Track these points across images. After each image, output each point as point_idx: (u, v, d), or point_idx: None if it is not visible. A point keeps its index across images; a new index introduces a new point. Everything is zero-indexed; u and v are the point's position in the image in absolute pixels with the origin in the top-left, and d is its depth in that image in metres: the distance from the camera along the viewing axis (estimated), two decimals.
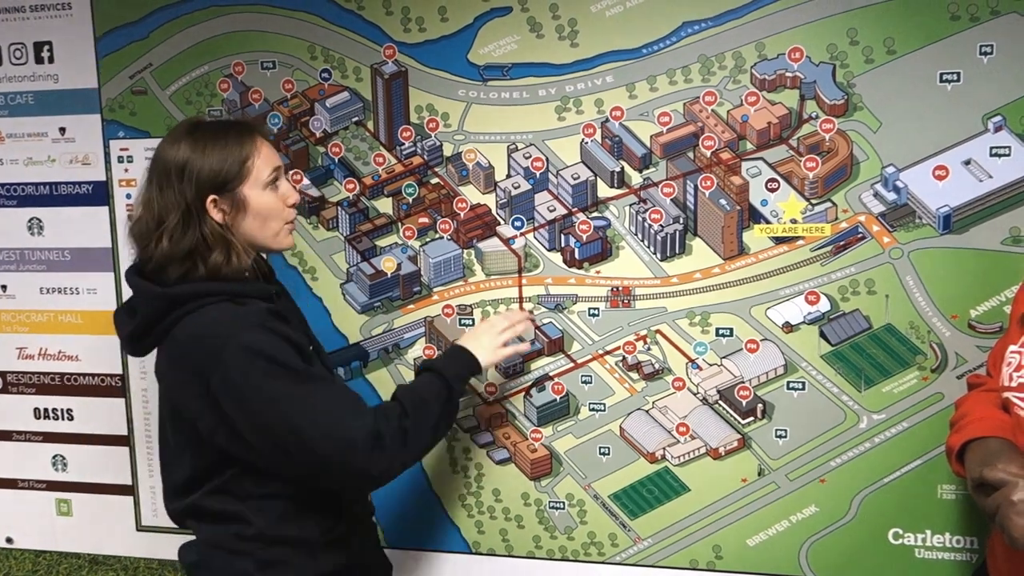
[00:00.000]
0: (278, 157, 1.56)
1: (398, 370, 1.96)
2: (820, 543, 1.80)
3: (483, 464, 1.94)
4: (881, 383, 1.74)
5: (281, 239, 1.56)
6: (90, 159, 2.07)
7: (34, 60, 2.05)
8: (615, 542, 1.90)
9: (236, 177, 1.48)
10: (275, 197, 1.53)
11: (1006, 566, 1.38)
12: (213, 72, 1.97)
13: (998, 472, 1.20)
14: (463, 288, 1.91)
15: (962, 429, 1.38)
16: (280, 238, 1.56)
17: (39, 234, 2.12)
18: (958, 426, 1.41)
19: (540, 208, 1.85)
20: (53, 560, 2.23)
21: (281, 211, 1.54)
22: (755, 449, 1.81)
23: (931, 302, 1.70)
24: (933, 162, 1.66)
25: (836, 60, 1.68)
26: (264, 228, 1.53)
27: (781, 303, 1.77)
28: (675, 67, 1.75)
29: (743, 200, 1.75)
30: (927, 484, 1.74)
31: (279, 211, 1.54)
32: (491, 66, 1.83)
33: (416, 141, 1.89)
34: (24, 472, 2.20)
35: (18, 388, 2.18)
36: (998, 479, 1.20)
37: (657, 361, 1.84)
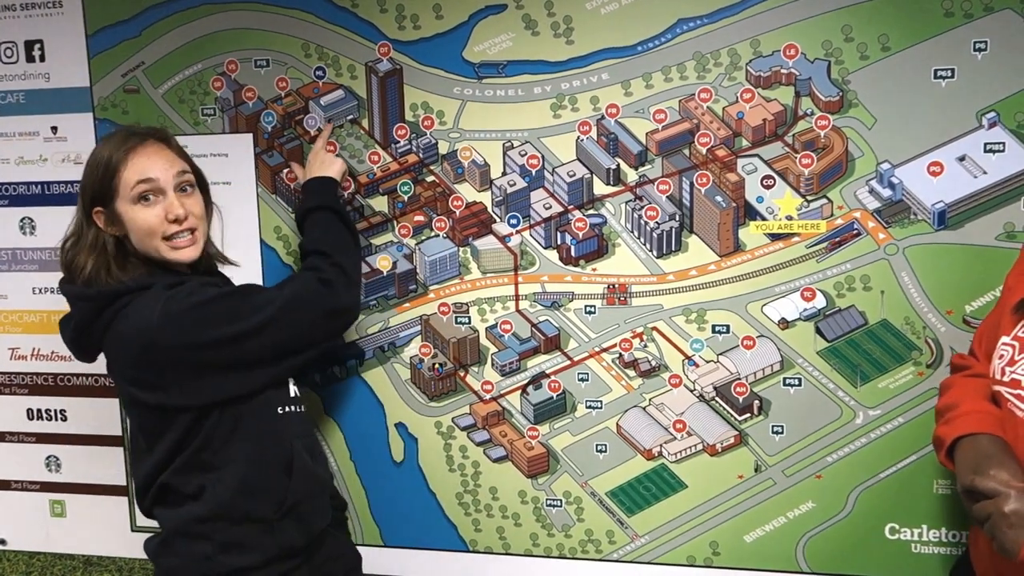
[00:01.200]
0: (159, 167, 1.53)
1: (394, 369, 1.96)
2: (817, 539, 1.80)
3: (480, 462, 1.94)
4: (877, 379, 1.74)
5: (167, 254, 1.54)
6: (82, 158, 2.04)
7: (25, 58, 2.04)
8: (612, 539, 1.90)
9: (107, 192, 1.53)
10: (148, 213, 1.52)
11: (989, 559, 1.39)
12: (206, 70, 1.96)
13: (989, 481, 1.21)
14: (459, 286, 1.91)
15: (951, 421, 1.38)
16: (166, 253, 1.54)
17: (31, 234, 2.11)
18: (947, 417, 1.41)
19: (536, 206, 1.85)
20: (47, 561, 2.22)
21: (154, 228, 1.52)
22: (752, 445, 1.81)
23: (926, 298, 1.70)
24: (928, 158, 1.67)
25: (831, 57, 1.68)
26: (144, 243, 1.55)
27: (777, 299, 1.77)
28: (670, 64, 1.75)
29: (739, 197, 1.76)
30: (923, 479, 1.74)
31: (150, 228, 1.52)
32: (486, 64, 1.83)
33: (411, 139, 1.89)
34: (17, 473, 2.19)
35: (11, 389, 2.17)
36: (989, 488, 1.21)
37: (654, 358, 1.84)
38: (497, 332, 1.90)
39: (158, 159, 1.54)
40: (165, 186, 1.53)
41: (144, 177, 1.51)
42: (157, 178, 1.52)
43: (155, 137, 1.58)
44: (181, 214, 1.53)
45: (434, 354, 1.94)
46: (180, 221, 1.53)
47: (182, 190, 1.56)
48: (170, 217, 1.52)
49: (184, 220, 1.54)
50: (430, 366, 1.94)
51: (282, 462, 1.59)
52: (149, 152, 1.54)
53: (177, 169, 1.55)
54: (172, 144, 1.60)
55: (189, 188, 1.58)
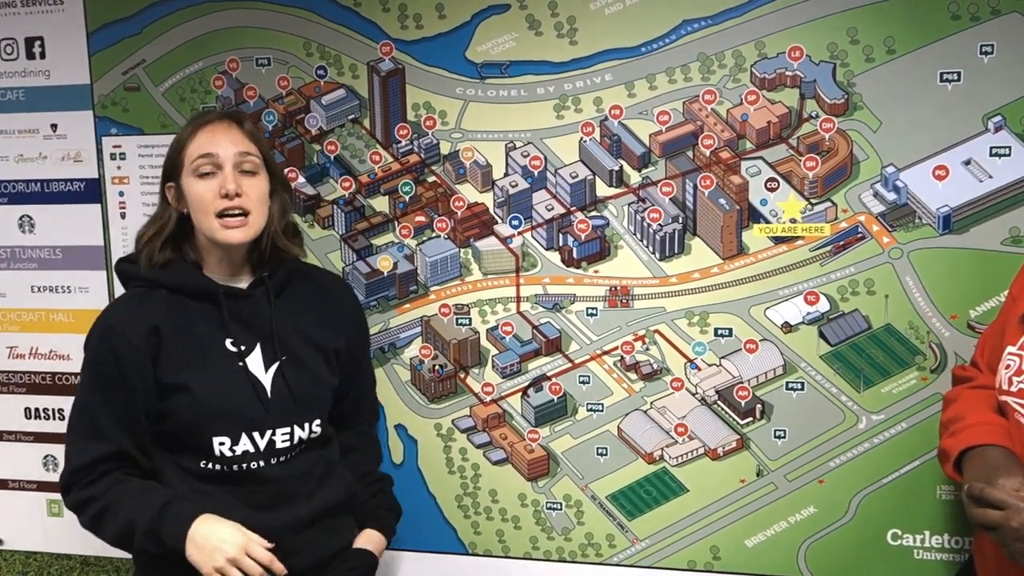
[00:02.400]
0: (222, 144, 1.52)
1: (394, 370, 1.95)
2: (818, 544, 1.79)
3: (480, 465, 1.93)
4: (880, 383, 1.73)
5: (216, 233, 1.52)
6: (82, 156, 2.04)
7: (25, 56, 2.03)
8: (613, 543, 1.89)
9: (176, 167, 1.55)
10: (203, 186, 1.51)
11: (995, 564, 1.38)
12: (207, 69, 1.95)
13: (998, 492, 1.20)
14: (460, 287, 1.90)
15: (958, 434, 1.37)
16: (216, 232, 1.52)
17: (30, 232, 2.10)
18: (952, 429, 1.40)
19: (538, 207, 1.84)
20: (44, 561, 2.21)
21: (207, 202, 1.51)
22: (754, 450, 1.80)
23: (930, 302, 1.69)
24: (933, 162, 1.66)
25: (836, 59, 1.67)
26: (199, 220, 1.54)
27: (780, 303, 1.76)
28: (674, 65, 1.74)
29: (742, 200, 1.75)
30: (926, 485, 1.73)
31: (204, 201, 1.51)
32: (489, 64, 1.82)
33: (413, 139, 1.88)
34: (15, 472, 2.18)
35: (8, 388, 2.16)
36: (999, 499, 1.20)
37: (655, 361, 1.83)
38: (498, 334, 1.89)
39: (223, 136, 1.53)
40: (224, 162, 1.51)
41: (205, 152, 1.51)
42: (217, 153, 1.51)
43: (230, 118, 1.57)
44: (232, 189, 1.50)
45: (434, 355, 1.93)
46: (231, 197, 1.50)
47: (243, 171, 1.53)
48: (222, 192, 1.50)
49: (235, 197, 1.50)
50: (430, 367, 1.93)
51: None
52: (216, 129, 1.53)
53: (240, 149, 1.53)
54: (244, 127, 1.57)
55: (252, 172, 1.54)
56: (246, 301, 1.57)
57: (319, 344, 1.63)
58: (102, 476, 1.51)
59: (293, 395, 1.56)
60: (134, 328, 1.51)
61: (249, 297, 1.57)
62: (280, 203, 1.60)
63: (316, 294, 1.67)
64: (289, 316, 1.61)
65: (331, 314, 1.68)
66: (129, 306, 1.55)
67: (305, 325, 1.62)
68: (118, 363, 1.50)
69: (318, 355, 1.63)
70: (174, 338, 1.52)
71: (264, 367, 1.57)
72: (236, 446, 1.53)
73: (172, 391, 1.51)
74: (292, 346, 1.60)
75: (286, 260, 1.62)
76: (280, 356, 1.57)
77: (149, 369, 1.50)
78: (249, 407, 1.53)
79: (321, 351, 1.63)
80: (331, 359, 1.65)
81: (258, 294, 1.58)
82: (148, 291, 1.55)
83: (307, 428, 1.59)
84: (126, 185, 2.03)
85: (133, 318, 1.52)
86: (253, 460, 1.54)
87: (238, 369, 1.54)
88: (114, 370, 1.50)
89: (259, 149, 1.57)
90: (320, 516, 1.60)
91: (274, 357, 1.57)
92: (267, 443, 1.54)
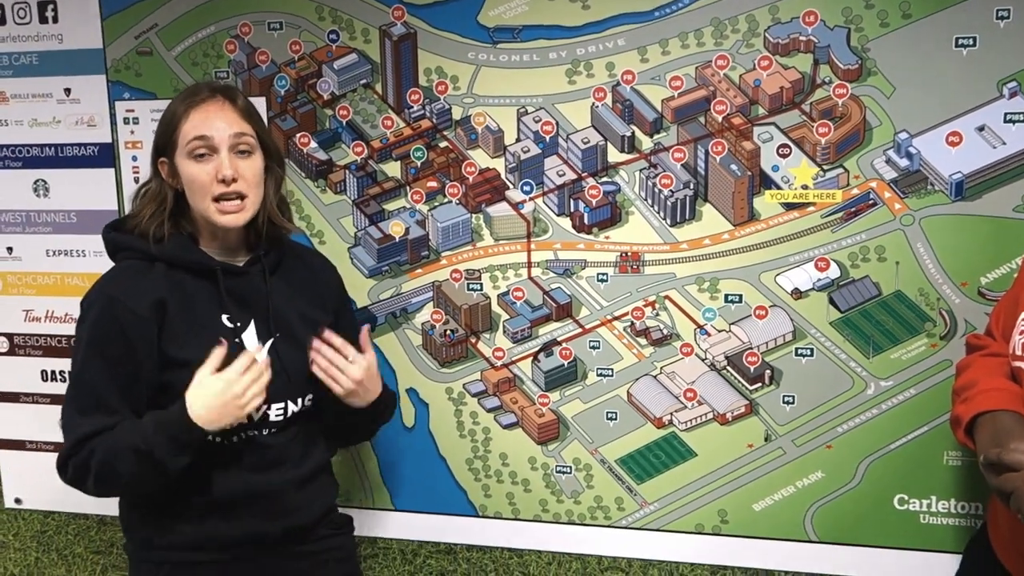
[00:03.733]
0: (217, 126, 1.50)
1: (406, 335, 1.96)
2: (825, 508, 1.81)
3: (490, 428, 1.95)
4: (889, 350, 1.74)
5: (213, 216, 1.52)
6: (95, 120, 2.05)
7: (38, 19, 2.03)
8: (621, 506, 1.91)
9: (169, 144, 1.53)
10: (199, 169, 1.50)
11: (1009, 534, 1.39)
12: (220, 33, 1.95)
13: (1014, 454, 1.21)
14: (471, 253, 1.90)
15: (970, 400, 1.38)
16: (212, 215, 1.52)
17: (45, 196, 2.11)
18: (965, 396, 1.40)
19: (549, 173, 1.84)
20: (62, 521, 2.25)
21: (204, 185, 1.50)
22: (762, 415, 1.81)
23: (941, 269, 1.70)
24: (947, 128, 1.65)
25: (851, 24, 1.66)
26: (195, 202, 1.54)
27: (790, 269, 1.76)
28: (687, 30, 1.73)
29: (754, 166, 1.74)
30: (933, 450, 1.75)
31: (201, 185, 1.50)
32: (501, 28, 1.81)
33: (425, 104, 1.88)
34: (32, 434, 2.21)
35: (25, 350, 2.18)
36: (1015, 461, 1.20)
37: (665, 327, 1.84)
38: (509, 299, 1.90)
39: (217, 117, 1.51)
40: (219, 145, 1.50)
41: (199, 134, 1.50)
42: (212, 136, 1.50)
43: (223, 95, 1.55)
44: (228, 175, 1.49)
45: (446, 320, 1.94)
46: (227, 182, 1.50)
47: (239, 152, 1.53)
48: (219, 177, 1.50)
49: (232, 182, 1.50)
50: (442, 332, 1.94)
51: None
52: (211, 109, 1.52)
53: (235, 130, 1.51)
54: (238, 104, 1.55)
55: (247, 151, 1.54)
56: (243, 278, 1.58)
57: (311, 320, 1.64)
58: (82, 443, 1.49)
59: (287, 372, 1.58)
60: (138, 300, 1.50)
61: (246, 274, 1.59)
62: (275, 179, 1.61)
63: (307, 273, 1.69)
64: (283, 294, 1.62)
65: (320, 292, 1.70)
66: (130, 278, 1.53)
67: (298, 303, 1.64)
68: (124, 334, 1.49)
69: (310, 331, 1.63)
70: (177, 312, 1.53)
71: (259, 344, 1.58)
72: None
73: (174, 365, 1.51)
74: (286, 323, 1.61)
75: (280, 236, 1.64)
76: (275, 333, 1.59)
77: (155, 341, 1.51)
78: None
79: (313, 327, 1.63)
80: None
81: (254, 272, 1.60)
82: (146, 264, 1.54)
83: (300, 403, 1.62)
84: (139, 149, 2.03)
85: (136, 290, 1.51)
86: (247, 430, 1.56)
87: (234, 345, 1.55)
88: (119, 341, 1.49)
89: (253, 127, 1.56)
90: (315, 474, 1.65)
91: (268, 334, 1.59)
92: (261, 416, 1.57)
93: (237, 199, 1.52)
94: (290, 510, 1.60)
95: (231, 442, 1.55)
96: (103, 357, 1.49)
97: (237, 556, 1.58)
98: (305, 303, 1.65)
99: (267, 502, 1.57)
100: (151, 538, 1.57)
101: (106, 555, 2.23)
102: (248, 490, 1.56)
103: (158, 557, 1.58)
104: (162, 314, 1.51)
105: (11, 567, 2.29)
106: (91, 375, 1.50)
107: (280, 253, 1.64)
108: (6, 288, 2.17)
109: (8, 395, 2.21)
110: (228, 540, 1.56)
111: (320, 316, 1.66)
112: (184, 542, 1.55)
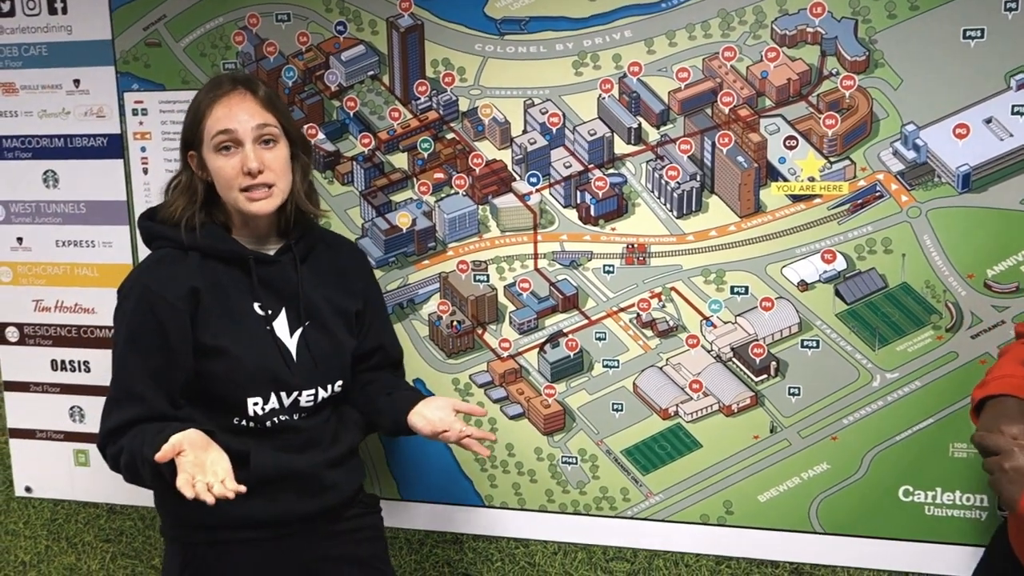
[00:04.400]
0: (239, 119, 1.52)
1: (412, 325, 1.97)
2: (830, 500, 1.81)
3: (496, 419, 1.96)
4: (895, 342, 1.74)
5: (242, 204, 1.55)
6: (104, 111, 2.06)
7: (47, 11, 2.04)
8: (627, 497, 1.92)
9: (196, 138, 1.56)
10: (225, 163, 1.53)
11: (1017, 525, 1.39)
12: (228, 24, 1.95)
13: (994, 438, 1.22)
14: (478, 244, 1.91)
15: (985, 385, 1.39)
16: (241, 204, 1.55)
17: (54, 187, 2.12)
18: (984, 380, 1.41)
19: (556, 164, 1.84)
20: (71, 509, 2.27)
21: (230, 178, 1.53)
22: (768, 406, 1.82)
23: (948, 261, 1.69)
24: (954, 120, 1.65)
25: (858, 15, 1.66)
26: (225, 193, 1.57)
27: (797, 261, 1.76)
28: (694, 22, 1.73)
29: (761, 157, 1.75)
30: (939, 442, 1.75)
31: (228, 178, 1.53)
32: (508, 20, 1.81)
33: (432, 96, 1.88)
34: (42, 423, 2.23)
35: (35, 340, 2.20)
36: (994, 444, 1.21)
37: (671, 318, 1.84)
38: (515, 290, 1.91)
39: (239, 110, 1.53)
40: (243, 137, 1.52)
41: (222, 128, 1.52)
42: (235, 129, 1.52)
43: (245, 86, 1.56)
44: (254, 167, 1.51)
45: (452, 311, 1.95)
46: (253, 174, 1.52)
47: (264, 142, 1.54)
48: (244, 169, 1.52)
49: (258, 174, 1.52)
50: (448, 323, 1.95)
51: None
52: (233, 102, 1.53)
53: (258, 122, 1.53)
54: (260, 94, 1.56)
55: (271, 141, 1.55)
56: (274, 267, 1.61)
57: (341, 308, 1.68)
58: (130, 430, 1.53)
59: (315, 360, 1.61)
60: (173, 289, 1.53)
61: (277, 263, 1.61)
62: (301, 167, 1.63)
63: (336, 261, 1.72)
64: (313, 282, 1.65)
65: (349, 279, 1.72)
66: (165, 267, 1.56)
67: (328, 291, 1.67)
68: (159, 324, 1.52)
69: (339, 319, 1.67)
70: (210, 300, 1.56)
71: (289, 331, 1.61)
72: (267, 405, 1.58)
73: (209, 353, 1.55)
74: (316, 311, 1.64)
75: (310, 224, 1.67)
76: (304, 321, 1.61)
77: (189, 329, 1.54)
78: (278, 370, 1.58)
79: (342, 315, 1.68)
80: (351, 322, 1.71)
81: (285, 260, 1.62)
82: (180, 252, 1.57)
83: (329, 389, 1.65)
84: (148, 140, 2.04)
85: (171, 279, 1.54)
86: (279, 415, 1.60)
87: (266, 333, 1.58)
88: (155, 330, 1.52)
89: (276, 117, 1.57)
90: (345, 456, 1.69)
91: (299, 322, 1.61)
92: (292, 401, 1.60)
93: (264, 187, 1.54)
94: (324, 489, 1.64)
95: (264, 427, 1.58)
96: (138, 346, 1.53)
97: (276, 535, 1.61)
98: (334, 290, 1.68)
99: (301, 482, 1.61)
100: (188, 517, 1.59)
101: (115, 543, 2.25)
102: (281, 470, 1.59)
103: (195, 536, 1.60)
104: (196, 302, 1.54)
105: (21, 555, 2.31)
106: (126, 364, 1.54)
107: (311, 240, 1.67)
108: (16, 278, 2.18)
109: (18, 384, 2.23)
110: (266, 519, 1.59)
111: (349, 303, 1.70)
112: (221, 521, 1.56)
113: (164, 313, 1.52)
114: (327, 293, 1.67)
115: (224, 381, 1.56)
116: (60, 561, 2.29)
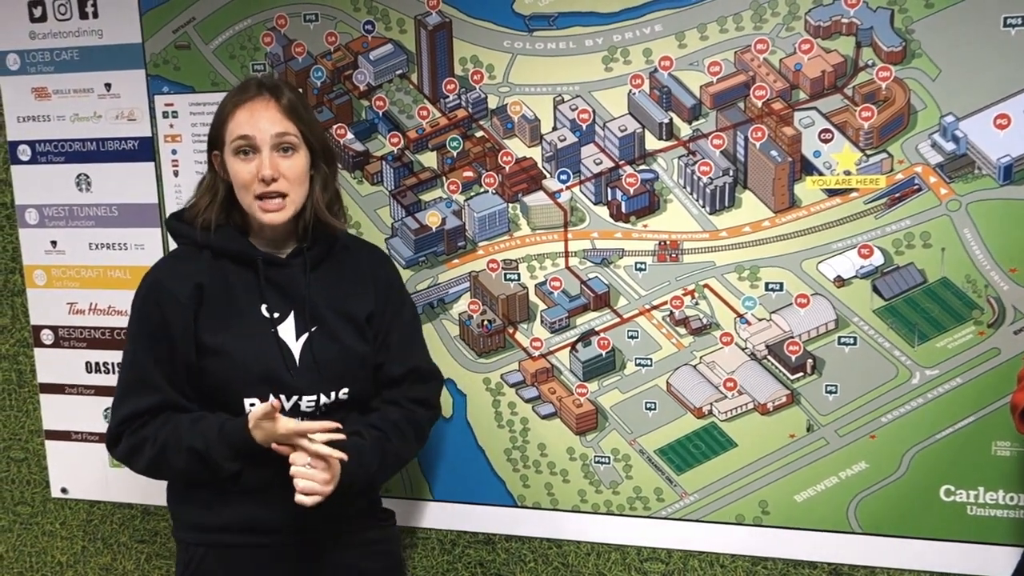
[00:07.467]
0: (259, 125, 1.51)
1: (443, 325, 1.96)
2: (869, 499, 1.78)
3: (528, 419, 1.95)
4: (935, 338, 1.70)
5: (256, 213, 1.54)
6: (135, 115, 2.07)
7: (79, 15, 2.05)
8: (661, 497, 1.90)
9: (219, 139, 1.57)
10: (242, 167, 1.53)
11: None
12: (256, 25, 1.96)
13: None
14: (508, 242, 1.90)
15: None
16: (255, 212, 1.54)
17: (87, 190, 2.14)
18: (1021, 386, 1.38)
19: (586, 161, 1.83)
20: (107, 510, 2.29)
21: (246, 183, 1.53)
22: (804, 405, 1.79)
23: (989, 255, 1.66)
24: (995, 110, 1.61)
25: (894, 5, 1.63)
26: (240, 196, 1.57)
27: (833, 257, 1.73)
28: (726, 15, 1.71)
29: (795, 151, 1.72)
30: (981, 440, 1.71)
31: (243, 183, 1.53)
32: (537, 16, 1.80)
33: (460, 94, 1.87)
34: (77, 424, 2.25)
35: (69, 342, 2.22)
36: None
37: (705, 316, 1.82)
38: (547, 289, 1.89)
39: (260, 117, 1.52)
40: (261, 144, 1.52)
41: (242, 133, 1.52)
42: (253, 136, 1.52)
43: (270, 92, 1.55)
44: (268, 175, 1.51)
45: (483, 311, 1.94)
46: (267, 181, 1.52)
47: (282, 150, 1.54)
48: (259, 176, 1.52)
49: (272, 181, 1.52)
50: (479, 323, 1.94)
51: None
52: (256, 108, 1.53)
53: (278, 130, 1.52)
54: (283, 102, 1.54)
55: (290, 149, 1.54)
56: (284, 270, 1.60)
57: (351, 314, 1.64)
58: (152, 419, 1.56)
59: (318, 366, 1.59)
60: (179, 284, 1.56)
61: (287, 266, 1.60)
62: (322, 177, 1.60)
63: (353, 267, 1.68)
64: (325, 288, 1.63)
65: (364, 283, 1.68)
66: (175, 263, 1.61)
67: (339, 297, 1.64)
68: (163, 316, 1.55)
69: (350, 326, 1.64)
70: (215, 298, 1.57)
71: (296, 335, 1.60)
72: None
73: (208, 350, 1.56)
74: (324, 317, 1.61)
75: (330, 231, 1.63)
76: (311, 327, 1.60)
77: (191, 324, 1.55)
78: (277, 372, 1.57)
79: (353, 321, 1.64)
80: (363, 328, 1.66)
81: (296, 264, 1.61)
82: (195, 250, 1.59)
83: (333, 395, 1.62)
84: (178, 143, 2.05)
85: (179, 274, 1.57)
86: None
87: (269, 334, 1.58)
88: (160, 323, 1.55)
89: (297, 126, 1.55)
90: None
91: (305, 327, 1.60)
92: (292, 405, 1.59)
93: (278, 198, 1.54)
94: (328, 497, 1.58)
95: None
96: (144, 335, 1.57)
97: (282, 542, 1.60)
98: (345, 297, 1.65)
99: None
100: (198, 521, 1.61)
101: (150, 544, 2.27)
102: (282, 476, 1.54)
103: (205, 539, 1.61)
104: (200, 299, 1.56)
105: (58, 555, 2.34)
106: (136, 353, 1.58)
107: (327, 247, 1.64)
108: (51, 281, 2.20)
109: (54, 387, 2.25)
110: (269, 524, 1.58)
111: (359, 308, 1.66)
112: (227, 525, 1.58)
113: (168, 307, 1.55)
114: (338, 299, 1.64)
115: (221, 379, 1.56)
116: (96, 562, 2.31)
